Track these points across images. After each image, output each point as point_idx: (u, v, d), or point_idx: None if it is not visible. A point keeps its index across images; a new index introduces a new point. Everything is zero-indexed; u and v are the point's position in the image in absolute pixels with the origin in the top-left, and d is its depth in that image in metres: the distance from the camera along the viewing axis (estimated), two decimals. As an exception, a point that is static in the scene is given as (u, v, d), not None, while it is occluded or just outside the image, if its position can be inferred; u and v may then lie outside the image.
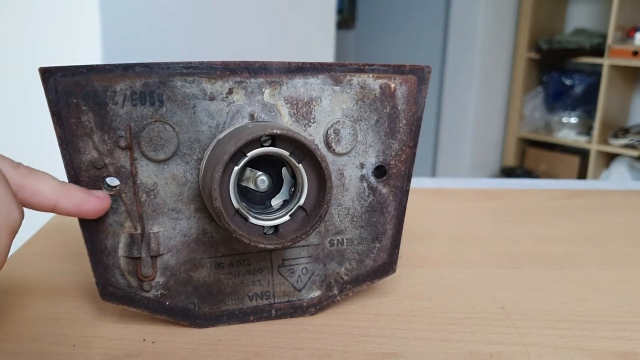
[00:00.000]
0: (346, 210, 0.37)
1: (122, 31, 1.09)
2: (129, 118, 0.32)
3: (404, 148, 0.37)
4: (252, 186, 0.33)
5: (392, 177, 0.38)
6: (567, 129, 2.60)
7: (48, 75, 0.31)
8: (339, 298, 0.38)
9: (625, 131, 2.41)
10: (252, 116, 0.34)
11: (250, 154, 0.31)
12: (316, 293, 0.38)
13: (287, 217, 0.33)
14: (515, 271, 0.46)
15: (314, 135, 0.36)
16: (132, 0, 1.12)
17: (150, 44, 1.15)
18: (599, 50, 2.39)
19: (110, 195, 0.33)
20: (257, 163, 0.33)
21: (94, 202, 0.32)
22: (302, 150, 0.31)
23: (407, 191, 0.38)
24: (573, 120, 2.60)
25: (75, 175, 0.32)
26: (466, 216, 0.59)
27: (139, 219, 0.34)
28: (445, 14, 2.69)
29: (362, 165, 0.37)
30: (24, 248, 0.48)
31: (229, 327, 0.36)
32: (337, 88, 0.35)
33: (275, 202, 0.34)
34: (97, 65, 0.31)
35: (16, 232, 0.28)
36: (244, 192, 0.33)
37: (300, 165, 0.32)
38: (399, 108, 0.37)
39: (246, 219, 0.32)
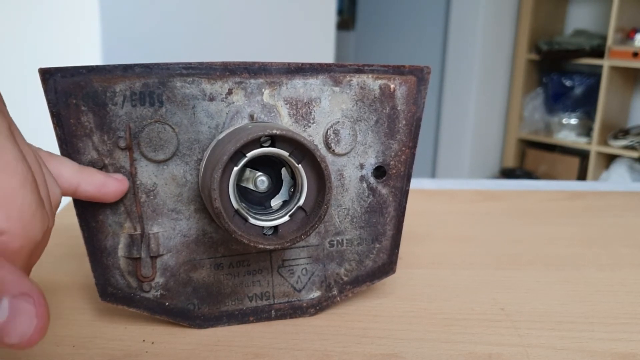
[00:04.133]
0: (346, 211, 0.37)
1: (122, 32, 1.09)
2: (129, 119, 0.32)
3: (404, 148, 0.37)
4: (251, 187, 0.33)
5: (392, 177, 0.38)
6: (567, 130, 2.60)
7: (48, 76, 0.31)
8: (338, 299, 0.38)
9: (625, 132, 2.41)
10: (251, 117, 0.34)
11: (249, 155, 0.31)
12: (316, 294, 0.38)
13: (286, 218, 0.33)
14: (515, 272, 0.46)
15: (313, 136, 0.36)
16: (132, 1, 1.12)
17: (150, 44, 1.15)
18: (598, 52, 2.39)
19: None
20: (257, 163, 0.33)
21: (114, 184, 0.32)
22: (302, 150, 0.31)
23: (407, 192, 0.38)
24: (573, 121, 2.60)
25: (75, 175, 0.32)
26: (466, 217, 0.59)
27: (138, 219, 0.34)
28: (445, 15, 2.69)
29: (361, 166, 0.37)
30: (24, 248, 0.48)
31: (229, 327, 0.36)
32: (336, 89, 0.35)
33: (275, 202, 0.34)
34: (97, 66, 0.31)
35: (58, 207, 0.28)
36: (244, 193, 0.33)
37: (299, 165, 0.32)
38: (399, 108, 0.37)
39: (246, 220, 0.32)
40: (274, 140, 0.31)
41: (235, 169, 0.31)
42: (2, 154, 0.22)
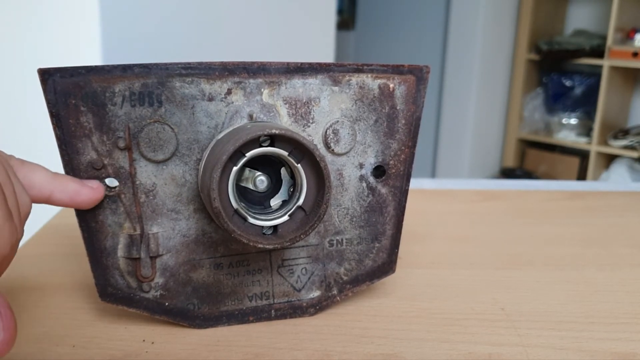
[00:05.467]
0: (345, 211, 0.37)
1: (121, 32, 1.09)
2: (128, 119, 0.32)
3: (403, 148, 0.37)
4: (251, 186, 0.33)
5: (391, 177, 0.38)
6: (567, 130, 2.60)
7: (47, 76, 0.31)
8: (338, 298, 0.38)
9: (625, 132, 2.41)
10: (250, 116, 0.34)
11: (249, 154, 0.31)
12: (315, 293, 0.38)
13: (286, 217, 0.33)
14: (515, 272, 0.46)
15: (312, 136, 0.36)
16: (132, 1, 1.12)
17: (150, 44, 1.15)
18: (598, 52, 2.38)
19: (110, 196, 0.33)
20: (256, 163, 0.33)
21: (88, 192, 0.32)
22: (301, 150, 0.31)
23: (407, 191, 0.38)
24: (573, 121, 2.59)
25: (74, 176, 0.32)
26: (466, 217, 0.59)
27: (138, 219, 0.34)
28: (445, 15, 2.69)
29: (361, 166, 0.37)
30: (24, 248, 0.48)
31: (229, 327, 0.36)
32: (335, 88, 0.35)
33: (274, 202, 0.34)
34: (96, 66, 0.31)
35: (27, 217, 0.28)
36: (243, 193, 0.33)
37: (299, 165, 0.32)
38: (398, 108, 0.37)
39: (245, 219, 0.32)
40: (273, 139, 0.31)
41: (235, 168, 0.31)
42: None
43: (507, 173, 2.72)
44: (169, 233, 0.35)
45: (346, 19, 3.06)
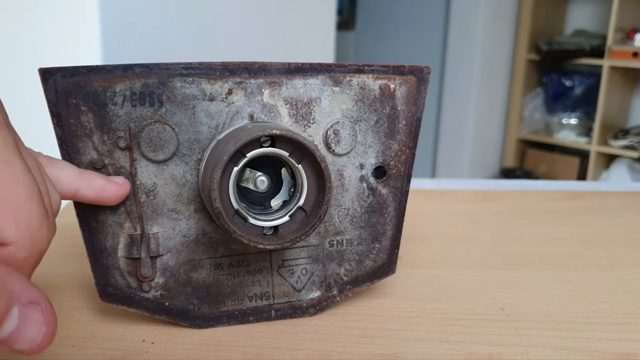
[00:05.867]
0: (346, 211, 0.37)
1: (122, 31, 1.09)
2: (129, 119, 0.32)
3: (404, 149, 0.37)
4: (251, 187, 0.33)
5: (392, 177, 0.38)
6: (567, 130, 2.60)
7: (48, 75, 0.31)
8: (338, 299, 0.38)
9: (625, 132, 2.41)
10: (251, 117, 0.34)
11: (249, 155, 0.31)
12: (316, 294, 0.38)
13: (286, 218, 0.33)
14: (515, 272, 0.46)
15: (313, 136, 0.36)
16: (132, 1, 1.12)
17: (150, 44, 1.15)
18: (598, 52, 2.39)
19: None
20: (257, 164, 0.33)
21: (114, 188, 0.32)
22: (302, 150, 0.31)
23: (407, 192, 0.38)
24: (573, 121, 2.60)
25: (75, 175, 0.32)
26: (466, 217, 0.59)
27: (138, 219, 0.34)
28: (445, 15, 2.70)
29: (361, 166, 0.37)
30: (24, 248, 0.48)
31: (229, 327, 0.36)
32: (336, 89, 0.35)
33: (275, 202, 0.34)
34: (97, 66, 0.31)
35: (57, 214, 0.28)
36: (244, 193, 0.33)
37: (299, 165, 0.32)
38: (399, 109, 0.37)
39: (245, 220, 0.32)
40: (274, 140, 0.31)
41: (235, 169, 0.31)
42: (10, 167, 0.23)
43: (507, 173, 2.72)
44: (169, 233, 0.35)
45: (346, 19, 3.06)
